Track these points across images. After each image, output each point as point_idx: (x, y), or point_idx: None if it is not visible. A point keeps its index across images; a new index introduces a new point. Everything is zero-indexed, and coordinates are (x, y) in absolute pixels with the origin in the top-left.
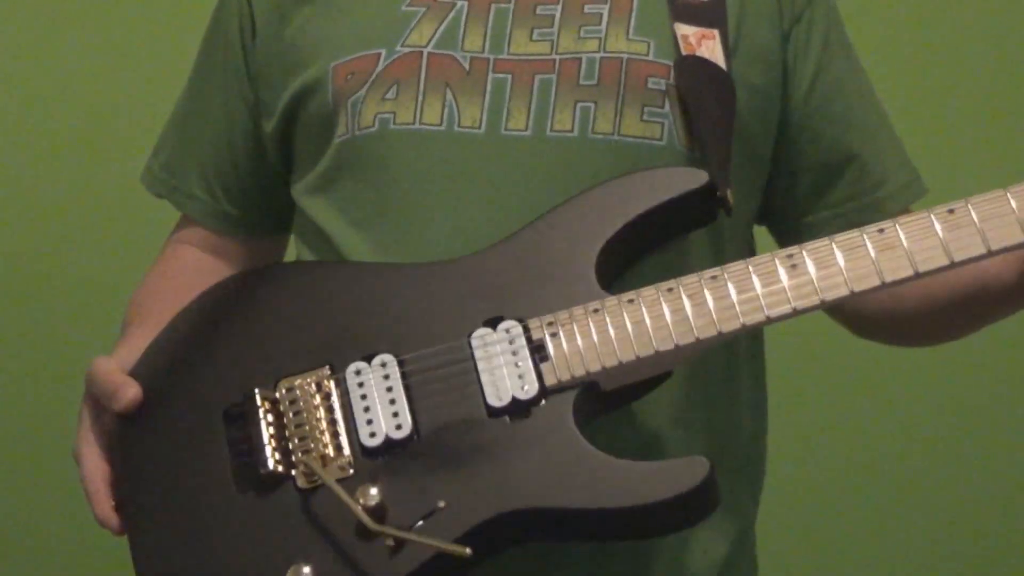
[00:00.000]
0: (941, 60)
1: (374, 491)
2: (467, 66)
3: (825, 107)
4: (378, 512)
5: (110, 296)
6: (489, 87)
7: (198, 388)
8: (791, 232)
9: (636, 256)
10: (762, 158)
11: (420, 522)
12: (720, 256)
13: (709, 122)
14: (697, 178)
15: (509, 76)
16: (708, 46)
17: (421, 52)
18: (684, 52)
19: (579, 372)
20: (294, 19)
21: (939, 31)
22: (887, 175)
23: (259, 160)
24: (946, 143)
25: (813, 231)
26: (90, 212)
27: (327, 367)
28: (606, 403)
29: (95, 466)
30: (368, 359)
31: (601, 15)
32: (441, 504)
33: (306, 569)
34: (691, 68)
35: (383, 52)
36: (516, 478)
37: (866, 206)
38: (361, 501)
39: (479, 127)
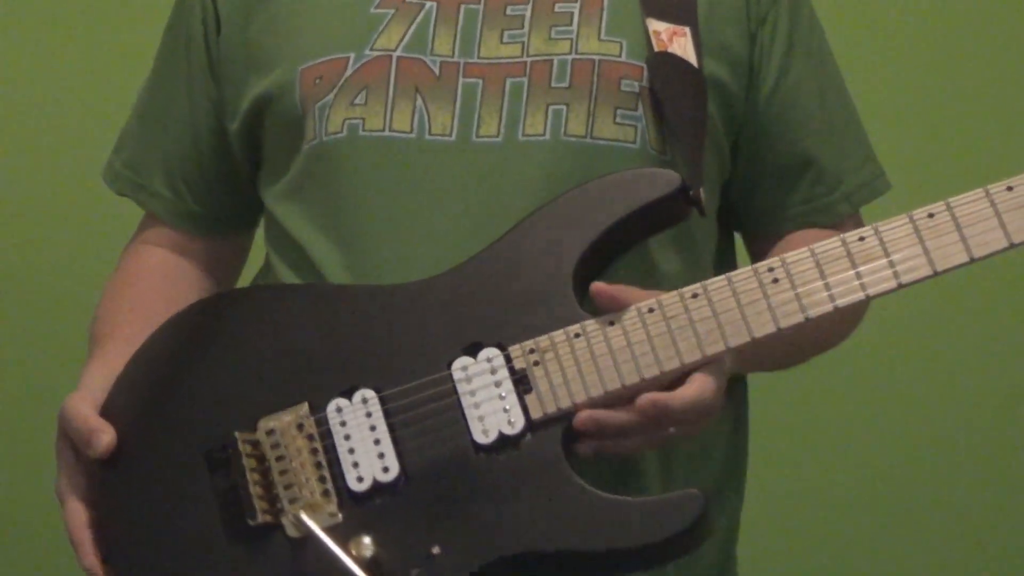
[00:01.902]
0: (925, 60)
1: (367, 541)
2: (437, 71)
3: (785, 111)
4: (373, 564)
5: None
6: (460, 93)
7: (176, 428)
8: (746, 230)
9: (608, 262)
10: (724, 155)
11: (415, 571)
12: (692, 254)
13: (682, 120)
14: (670, 181)
15: (480, 81)
16: (679, 43)
17: (390, 56)
18: (656, 48)
19: (565, 404)
20: (258, 16)
21: (920, 30)
22: (843, 177)
23: (224, 158)
24: (928, 142)
25: (768, 230)
26: (70, 209)
27: (306, 404)
28: None
29: (78, 514)
30: (348, 394)
31: (572, 14)
32: (436, 550)
33: None
34: (663, 65)
35: (352, 56)
36: (510, 520)
37: (819, 208)
38: (354, 552)
39: (450, 135)
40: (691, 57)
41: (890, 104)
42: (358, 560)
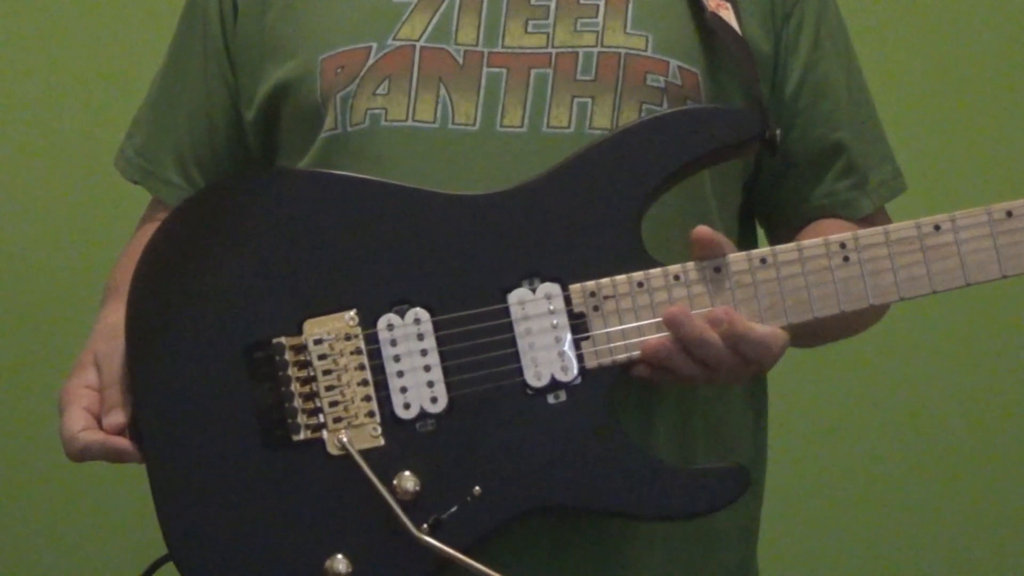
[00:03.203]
0: (938, 58)
1: (408, 474)
2: (461, 60)
3: (813, 105)
4: (414, 499)
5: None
6: (484, 82)
7: (214, 321)
8: (767, 219)
9: (664, 192)
10: None
11: (454, 507)
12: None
13: (739, 68)
14: (751, 124)
15: (504, 70)
16: (725, 15)
17: (413, 46)
18: (710, 9)
19: (620, 356)
20: (276, 3)
21: (936, 29)
22: (869, 172)
23: (239, 145)
24: (943, 142)
25: (792, 220)
26: (77, 202)
27: (354, 311)
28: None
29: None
30: (400, 310)
31: (597, 6)
32: (477, 490)
33: (341, 566)
34: (719, 23)
35: (374, 45)
36: (552, 470)
37: (843, 202)
38: (396, 484)
39: (473, 124)
40: (736, 28)
41: (894, 103)
42: (400, 492)
